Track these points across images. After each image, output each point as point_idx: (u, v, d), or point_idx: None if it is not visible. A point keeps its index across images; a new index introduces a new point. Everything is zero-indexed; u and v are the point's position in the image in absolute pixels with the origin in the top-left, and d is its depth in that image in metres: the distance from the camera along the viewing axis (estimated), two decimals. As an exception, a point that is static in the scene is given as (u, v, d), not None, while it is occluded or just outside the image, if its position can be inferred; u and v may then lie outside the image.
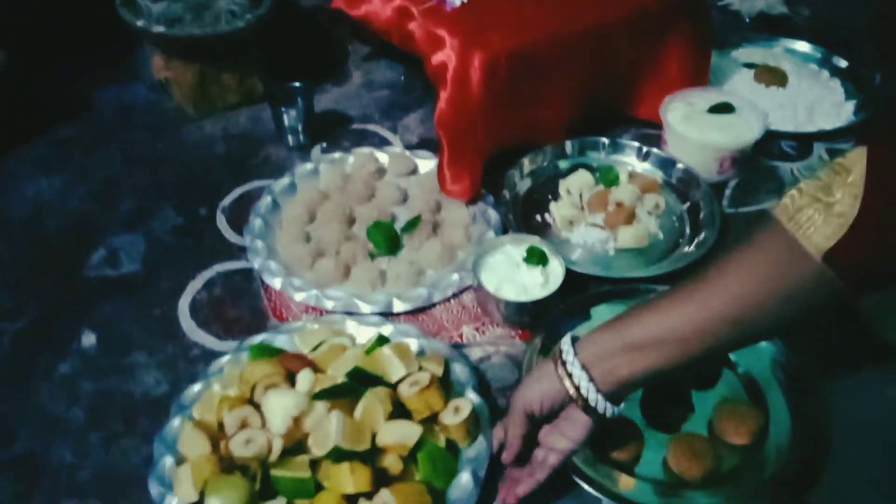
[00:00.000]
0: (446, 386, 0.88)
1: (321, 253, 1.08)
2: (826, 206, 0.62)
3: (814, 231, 0.62)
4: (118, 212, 1.18)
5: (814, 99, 1.36)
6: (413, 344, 0.93)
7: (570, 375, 0.72)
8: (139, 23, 1.27)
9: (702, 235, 1.09)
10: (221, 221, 1.16)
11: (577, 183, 1.18)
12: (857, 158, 0.62)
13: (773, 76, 1.40)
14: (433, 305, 1.03)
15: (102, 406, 0.90)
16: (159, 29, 1.27)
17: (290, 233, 1.11)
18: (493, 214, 1.15)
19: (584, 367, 0.71)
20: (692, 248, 1.08)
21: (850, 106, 1.36)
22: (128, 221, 1.16)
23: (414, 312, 1.02)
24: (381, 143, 1.34)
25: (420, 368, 0.87)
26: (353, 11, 1.36)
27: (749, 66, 1.45)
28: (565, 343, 0.74)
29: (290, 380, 0.85)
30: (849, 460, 0.83)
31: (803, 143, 1.30)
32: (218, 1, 1.35)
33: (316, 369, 0.87)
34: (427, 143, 1.31)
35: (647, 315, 0.70)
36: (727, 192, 1.21)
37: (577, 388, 0.71)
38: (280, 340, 0.94)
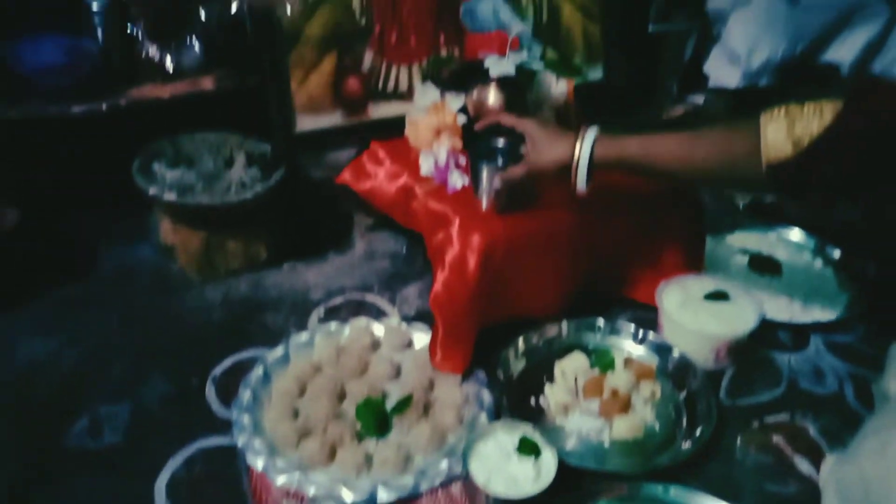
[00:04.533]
0: None
1: (308, 431, 1.06)
2: (790, 128, 0.89)
3: (773, 143, 0.90)
4: (107, 377, 1.17)
5: (808, 289, 1.37)
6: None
7: (581, 146, 1.03)
8: (152, 190, 1.32)
9: (698, 431, 1.07)
10: (211, 392, 1.14)
11: (573, 366, 1.17)
12: (834, 109, 0.87)
13: (767, 264, 1.43)
14: (420, 495, 0.99)
15: None
16: (171, 197, 1.31)
17: (278, 408, 1.09)
18: (487, 396, 1.13)
19: (593, 143, 1.03)
20: (688, 444, 1.05)
21: (845, 298, 1.37)
22: (116, 388, 1.15)
23: (399, 502, 0.98)
24: (379, 314, 1.34)
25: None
26: (358, 187, 1.41)
27: (744, 252, 1.48)
28: (592, 130, 1.04)
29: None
30: None
31: (799, 333, 1.30)
32: (231, 171, 1.41)
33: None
34: (424, 316, 1.32)
35: (656, 138, 1.01)
36: (724, 381, 1.20)
37: (580, 154, 1.03)
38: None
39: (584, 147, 1.03)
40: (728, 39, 1.83)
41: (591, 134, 1.04)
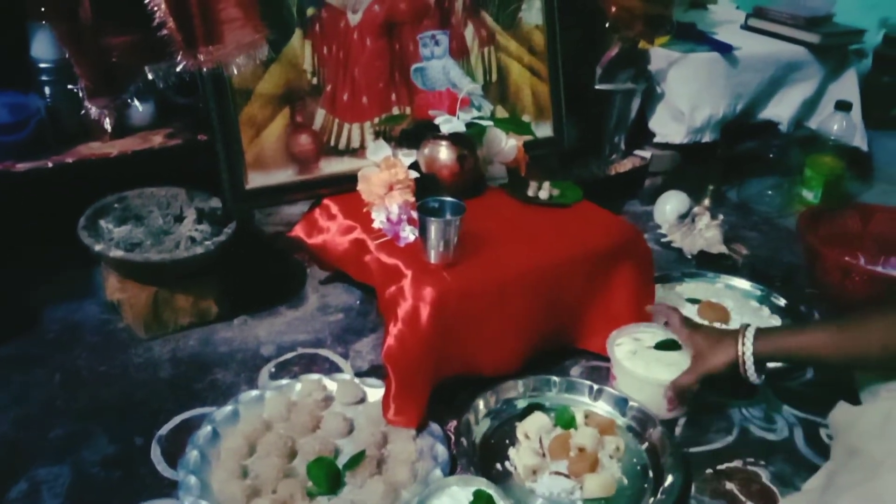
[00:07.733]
0: None
1: (257, 491, 1.03)
2: None
3: None
4: (48, 439, 1.12)
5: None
6: None
7: (744, 345, 1.11)
8: (98, 246, 1.29)
9: (667, 482, 1.07)
10: (156, 452, 1.11)
11: (535, 427, 1.15)
12: None
13: (716, 312, 1.45)
14: (372, 554, 0.96)
15: None
16: (118, 253, 1.29)
17: (226, 467, 1.06)
18: (441, 450, 1.12)
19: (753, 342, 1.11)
20: (660, 495, 1.05)
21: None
22: (57, 450, 1.10)
23: (351, 562, 0.95)
24: (332, 368, 1.32)
25: None
26: (310, 240, 1.41)
27: (692, 301, 1.50)
28: (750, 330, 1.12)
29: None
30: None
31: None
32: (181, 226, 1.39)
33: None
34: (378, 370, 1.31)
35: (807, 332, 1.11)
36: (677, 430, 1.20)
37: (744, 355, 1.11)
38: None
39: (746, 348, 1.11)
40: (671, 97, 1.90)
41: (749, 335, 1.12)
